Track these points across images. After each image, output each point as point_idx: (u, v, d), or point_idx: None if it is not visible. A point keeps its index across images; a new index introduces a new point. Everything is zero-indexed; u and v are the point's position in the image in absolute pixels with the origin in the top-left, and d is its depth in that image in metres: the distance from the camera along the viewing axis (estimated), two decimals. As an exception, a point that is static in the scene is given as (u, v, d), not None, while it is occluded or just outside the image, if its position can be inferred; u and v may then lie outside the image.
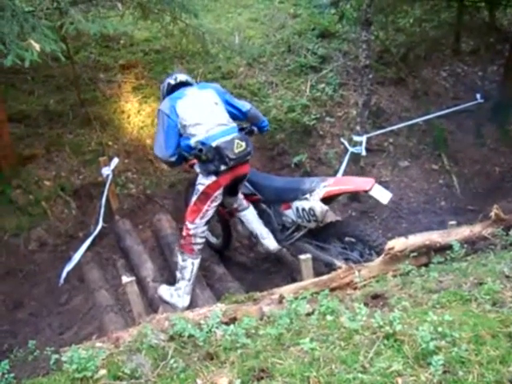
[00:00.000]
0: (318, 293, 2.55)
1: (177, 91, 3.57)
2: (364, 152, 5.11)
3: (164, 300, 3.53)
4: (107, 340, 2.16)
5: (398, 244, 2.94)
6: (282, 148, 5.48)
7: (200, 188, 3.40)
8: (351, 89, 6.05)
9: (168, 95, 3.60)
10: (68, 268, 4.28)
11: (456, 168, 5.72)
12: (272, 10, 7.14)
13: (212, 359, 1.87)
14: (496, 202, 3.74)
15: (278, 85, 5.97)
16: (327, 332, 1.95)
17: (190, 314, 2.42)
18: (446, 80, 6.52)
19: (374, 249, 3.34)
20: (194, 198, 3.46)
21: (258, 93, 5.81)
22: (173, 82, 3.68)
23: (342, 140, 5.41)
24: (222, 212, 3.93)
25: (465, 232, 3.14)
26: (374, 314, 1.93)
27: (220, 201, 3.49)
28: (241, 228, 4.03)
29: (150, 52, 6.15)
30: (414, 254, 2.93)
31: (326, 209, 3.43)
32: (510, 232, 3.04)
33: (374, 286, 2.63)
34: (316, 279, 2.89)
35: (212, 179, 3.35)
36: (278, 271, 4.25)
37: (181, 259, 3.51)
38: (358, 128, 5.18)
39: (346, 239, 3.53)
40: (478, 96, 5.97)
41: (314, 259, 3.27)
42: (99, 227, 4.51)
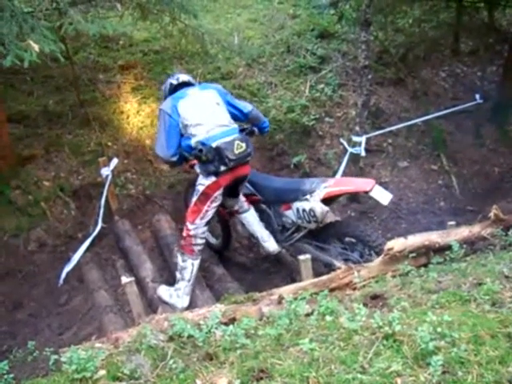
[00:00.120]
0: (317, 293, 2.55)
1: (179, 91, 3.57)
2: (363, 152, 5.11)
3: (163, 300, 3.54)
4: (106, 340, 2.16)
5: (397, 244, 2.95)
6: (282, 148, 5.48)
7: (200, 188, 3.41)
8: (350, 89, 6.05)
9: (170, 95, 3.60)
10: (67, 268, 4.28)
11: (455, 168, 5.72)
12: (271, 10, 7.13)
13: (211, 359, 1.88)
14: (495, 202, 3.74)
15: (278, 85, 5.97)
16: (326, 332, 1.95)
17: (190, 315, 2.43)
18: (445, 80, 6.53)
19: (373, 249, 3.35)
20: (194, 198, 3.47)
21: (257, 93, 5.81)
22: (175, 82, 3.68)
23: (342, 140, 5.41)
24: (221, 212, 3.93)
25: (464, 232, 3.15)
26: (374, 314, 1.94)
27: (220, 201, 3.49)
28: (240, 228, 4.04)
29: (150, 52, 6.15)
30: (414, 254, 2.93)
31: (327, 209, 3.44)
32: (509, 232, 3.04)
33: (374, 287, 2.63)
34: (315, 280, 2.90)
35: (212, 180, 3.35)
36: (278, 272, 4.25)
37: (181, 260, 3.52)
38: (357, 128, 5.18)
39: (346, 240, 3.54)
40: (477, 96, 5.97)
41: (313, 260, 3.27)
42: (98, 228, 4.51)
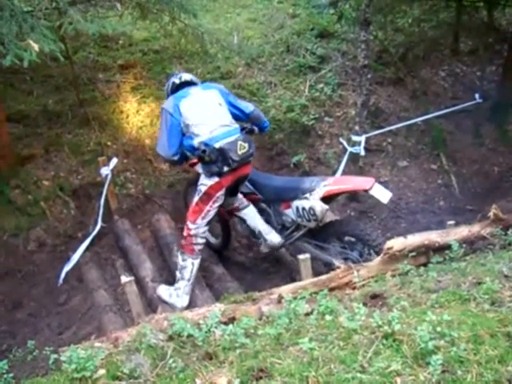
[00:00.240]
0: (316, 293, 2.55)
1: (181, 90, 3.57)
2: (363, 152, 5.11)
3: (163, 300, 3.54)
4: (106, 340, 2.16)
5: (396, 244, 2.95)
6: (281, 148, 5.48)
7: (202, 189, 3.40)
8: (350, 89, 6.04)
9: (172, 94, 3.60)
10: (67, 268, 4.28)
11: (455, 168, 5.72)
12: (271, 10, 7.13)
13: (211, 359, 1.87)
14: (495, 201, 3.73)
15: (277, 85, 5.96)
16: (326, 332, 1.95)
17: (189, 314, 2.43)
18: (444, 80, 6.52)
19: (373, 248, 3.35)
20: (195, 198, 3.46)
21: (256, 93, 5.81)
22: (177, 81, 3.68)
23: (341, 140, 5.41)
24: (221, 212, 3.93)
25: (463, 232, 3.15)
26: (373, 313, 1.94)
27: (222, 201, 3.49)
28: (240, 227, 4.03)
29: (149, 52, 6.14)
30: (413, 253, 2.93)
31: (326, 208, 3.44)
32: (509, 232, 3.04)
33: (373, 286, 2.63)
34: (315, 279, 2.90)
35: (215, 180, 3.35)
36: (277, 271, 4.25)
37: (181, 259, 3.52)
38: (356, 128, 5.18)
39: (346, 239, 3.53)
40: (476, 96, 5.97)
41: (313, 259, 3.27)
42: (98, 227, 4.51)
